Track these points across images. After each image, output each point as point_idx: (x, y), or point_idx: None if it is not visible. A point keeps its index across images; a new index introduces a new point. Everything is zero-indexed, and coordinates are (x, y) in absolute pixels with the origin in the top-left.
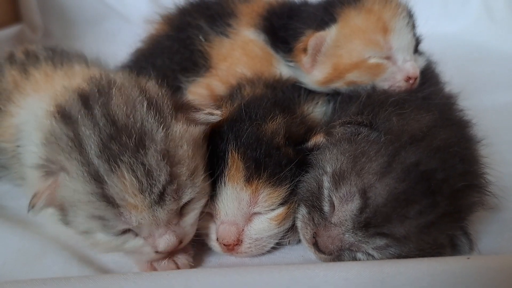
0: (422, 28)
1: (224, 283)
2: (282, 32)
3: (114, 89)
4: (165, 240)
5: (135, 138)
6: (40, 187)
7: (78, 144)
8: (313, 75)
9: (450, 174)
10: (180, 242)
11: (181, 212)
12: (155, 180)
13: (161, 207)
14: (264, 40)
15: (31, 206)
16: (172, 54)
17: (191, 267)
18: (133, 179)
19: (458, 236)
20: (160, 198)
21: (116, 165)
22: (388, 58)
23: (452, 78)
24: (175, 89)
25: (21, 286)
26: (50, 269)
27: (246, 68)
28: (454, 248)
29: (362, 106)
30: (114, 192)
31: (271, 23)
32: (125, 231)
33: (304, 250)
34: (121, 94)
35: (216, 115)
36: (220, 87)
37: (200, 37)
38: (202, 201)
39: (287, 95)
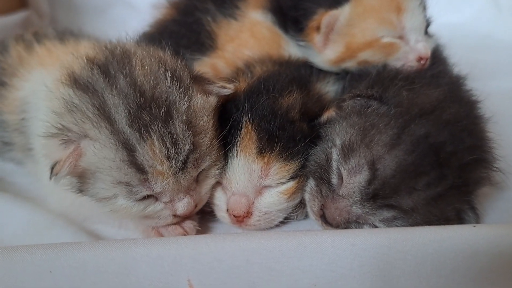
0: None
1: (232, 248)
2: (293, 12)
3: (135, 60)
4: (184, 204)
5: (164, 109)
6: (61, 155)
7: (105, 113)
8: (325, 54)
9: (458, 148)
10: (196, 206)
11: (197, 178)
12: (180, 149)
13: (184, 174)
14: (272, 21)
15: (54, 173)
16: (179, 38)
17: (198, 231)
18: (163, 147)
19: (465, 210)
20: (184, 166)
21: (147, 134)
22: (400, 37)
23: (458, 66)
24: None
25: (33, 251)
26: (59, 240)
27: (253, 50)
28: (460, 222)
29: (372, 82)
30: (144, 160)
31: (279, 4)
32: (146, 197)
33: (311, 225)
34: (143, 65)
35: (228, 89)
36: (225, 69)
37: (208, 18)
38: (216, 169)
39: (302, 73)
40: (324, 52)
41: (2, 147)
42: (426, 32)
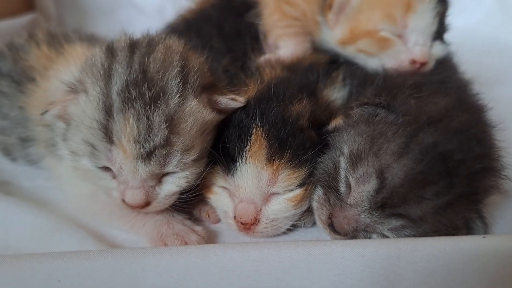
0: None
1: (241, 258)
2: None
3: (160, 45)
4: (133, 194)
5: (153, 93)
6: (59, 99)
7: (107, 75)
8: (334, 33)
9: (467, 156)
10: (148, 204)
11: (161, 179)
12: (150, 137)
13: (144, 164)
14: None
15: (45, 110)
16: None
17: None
18: (135, 126)
19: (473, 219)
20: (147, 156)
21: (127, 108)
22: (400, 36)
23: (466, 70)
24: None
25: (40, 259)
26: (66, 245)
27: None
28: (469, 231)
29: (379, 89)
30: (115, 130)
31: None
32: (107, 169)
33: (319, 232)
34: (163, 52)
35: (238, 102)
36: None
37: None
38: (185, 181)
39: (310, 80)
40: (334, 30)
41: (19, 143)
42: (440, 38)
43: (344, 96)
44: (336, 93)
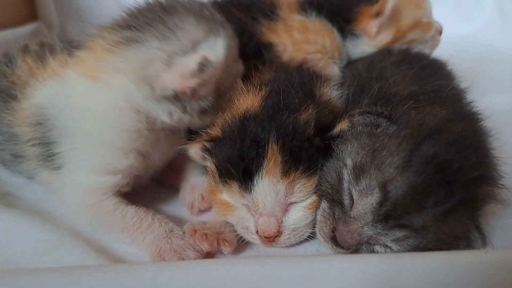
0: None
1: (242, 274)
2: (341, 4)
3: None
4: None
5: None
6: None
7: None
8: (378, 39)
9: (464, 164)
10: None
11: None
12: None
13: None
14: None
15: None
16: None
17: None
18: None
19: (471, 230)
20: None
21: None
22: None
23: (465, 79)
24: None
25: (40, 275)
26: (67, 259)
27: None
28: (467, 243)
29: (374, 98)
30: None
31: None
32: None
33: (319, 244)
34: None
35: None
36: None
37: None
38: None
39: (305, 79)
40: (377, 37)
41: (12, 159)
42: None
43: (339, 96)
44: (334, 92)
